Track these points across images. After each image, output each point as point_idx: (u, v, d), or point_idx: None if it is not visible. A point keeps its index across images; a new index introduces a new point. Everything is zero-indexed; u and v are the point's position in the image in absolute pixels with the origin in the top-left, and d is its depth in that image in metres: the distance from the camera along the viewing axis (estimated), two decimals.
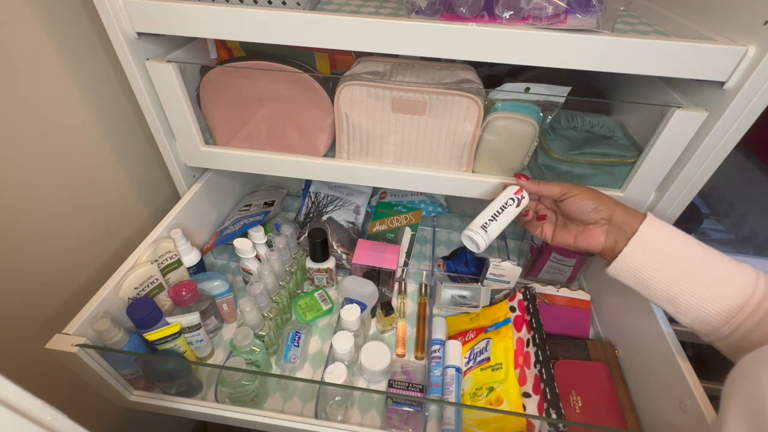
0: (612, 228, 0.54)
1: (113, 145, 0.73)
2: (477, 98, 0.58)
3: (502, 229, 0.59)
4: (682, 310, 0.50)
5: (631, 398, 0.65)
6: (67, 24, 0.61)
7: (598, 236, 0.55)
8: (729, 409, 0.36)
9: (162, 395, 0.61)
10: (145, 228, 0.80)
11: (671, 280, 0.49)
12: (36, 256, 0.62)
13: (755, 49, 0.48)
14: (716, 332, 0.48)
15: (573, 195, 0.56)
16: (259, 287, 0.65)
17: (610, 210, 0.54)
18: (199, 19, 0.54)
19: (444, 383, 0.66)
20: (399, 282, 0.84)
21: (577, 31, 0.49)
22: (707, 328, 0.49)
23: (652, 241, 0.51)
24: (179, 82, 0.62)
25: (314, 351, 0.74)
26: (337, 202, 0.93)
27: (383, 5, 0.62)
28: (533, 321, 0.68)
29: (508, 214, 0.59)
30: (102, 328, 0.53)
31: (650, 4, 0.67)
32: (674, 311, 0.51)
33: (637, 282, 0.53)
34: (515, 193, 0.60)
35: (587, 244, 0.55)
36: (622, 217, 0.53)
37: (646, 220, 0.52)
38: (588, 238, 0.55)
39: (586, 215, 0.55)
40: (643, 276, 0.51)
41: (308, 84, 0.63)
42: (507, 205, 0.59)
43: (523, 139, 0.62)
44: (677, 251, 0.50)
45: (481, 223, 0.58)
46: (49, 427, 0.23)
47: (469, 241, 0.58)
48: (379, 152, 0.66)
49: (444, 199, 0.99)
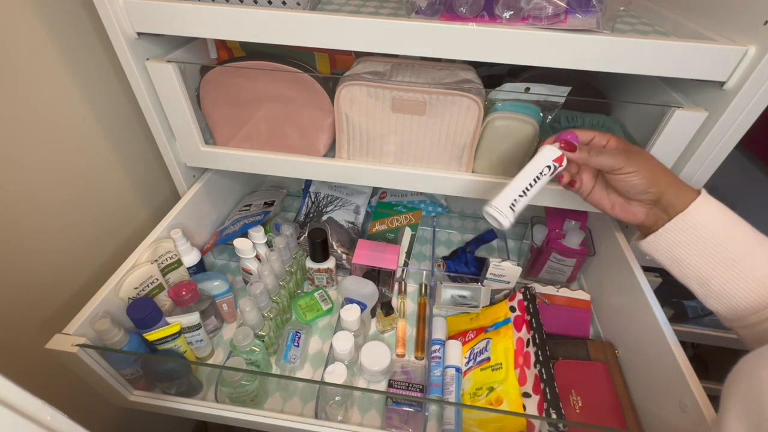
0: (655, 209, 0.51)
1: (113, 145, 0.73)
2: (477, 98, 0.58)
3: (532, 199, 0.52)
4: (713, 294, 0.48)
5: (631, 398, 0.65)
6: (67, 24, 0.61)
7: (638, 213, 0.52)
8: (729, 409, 0.36)
9: (162, 395, 0.61)
10: (145, 228, 0.80)
11: (708, 264, 0.47)
12: (36, 256, 0.62)
13: (755, 49, 0.48)
14: (742, 320, 0.46)
15: (625, 173, 0.49)
16: (259, 287, 0.65)
17: (660, 193, 0.49)
18: (199, 19, 0.54)
19: (444, 383, 0.66)
20: (399, 282, 0.84)
21: (577, 31, 0.49)
22: (733, 315, 0.47)
23: (697, 223, 0.47)
24: (179, 82, 0.62)
25: (314, 351, 0.74)
26: (337, 202, 0.93)
27: (383, 5, 0.62)
28: (533, 321, 0.68)
29: (541, 184, 0.52)
30: (102, 328, 0.53)
31: (650, 4, 0.67)
32: (704, 294, 0.49)
33: (671, 260, 0.50)
34: (554, 160, 0.51)
35: (624, 216, 0.53)
36: (672, 199, 0.49)
37: (697, 200, 0.47)
38: (627, 212, 0.52)
39: (633, 195, 0.51)
40: (678, 255, 0.49)
41: (308, 84, 0.63)
42: (542, 174, 0.51)
43: (523, 139, 0.62)
44: (723, 235, 0.47)
45: (510, 201, 0.50)
46: (49, 427, 0.23)
47: (492, 219, 0.52)
48: (379, 152, 0.66)
49: (444, 199, 0.99)
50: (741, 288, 0.46)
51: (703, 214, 0.47)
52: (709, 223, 0.47)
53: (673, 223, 0.48)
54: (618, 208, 0.53)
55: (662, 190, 0.49)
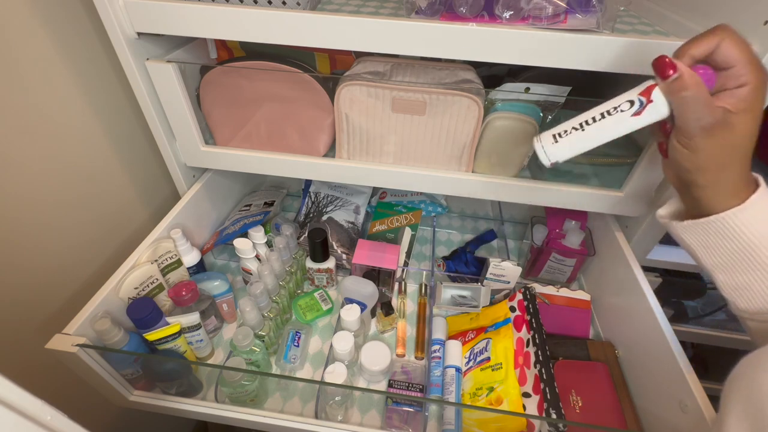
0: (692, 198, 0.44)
1: (113, 145, 0.73)
2: (477, 98, 0.58)
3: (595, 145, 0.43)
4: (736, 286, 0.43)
5: (631, 398, 0.65)
6: (67, 24, 0.61)
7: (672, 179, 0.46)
8: (729, 411, 0.36)
9: (162, 395, 0.61)
10: (145, 228, 0.80)
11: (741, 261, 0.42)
12: (36, 256, 0.62)
13: (755, 49, 0.48)
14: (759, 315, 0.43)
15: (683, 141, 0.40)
16: (259, 287, 0.65)
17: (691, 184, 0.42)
18: (199, 19, 0.54)
19: (444, 383, 0.66)
20: (399, 282, 0.84)
21: (577, 31, 0.49)
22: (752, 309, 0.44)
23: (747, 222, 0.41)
24: (179, 82, 0.62)
25: (314, 351, 0.74)
26: (337, 202, 0.93)
27: (383, 5, 0.62)
28: (533, 321, 0.68)
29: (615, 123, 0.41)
30: (102, 328, 0.53)
31: (650, 4, 0.66)
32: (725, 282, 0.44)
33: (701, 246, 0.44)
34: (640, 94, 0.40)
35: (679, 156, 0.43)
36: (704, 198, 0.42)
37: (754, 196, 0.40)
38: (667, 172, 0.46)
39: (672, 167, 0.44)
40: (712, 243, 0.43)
41: (308, 84, 0.63)
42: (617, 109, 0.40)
43: (523, 139, 0.62)
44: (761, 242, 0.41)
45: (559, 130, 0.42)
46: (49, 427, 0.23)
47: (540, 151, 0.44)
48: (379, 152, 0.66)
49: (444, 199, 0.99)
50: None
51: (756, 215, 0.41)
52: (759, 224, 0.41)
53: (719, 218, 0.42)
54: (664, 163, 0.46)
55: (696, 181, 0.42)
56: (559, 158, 0.44)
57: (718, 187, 0.42)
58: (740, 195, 0.41)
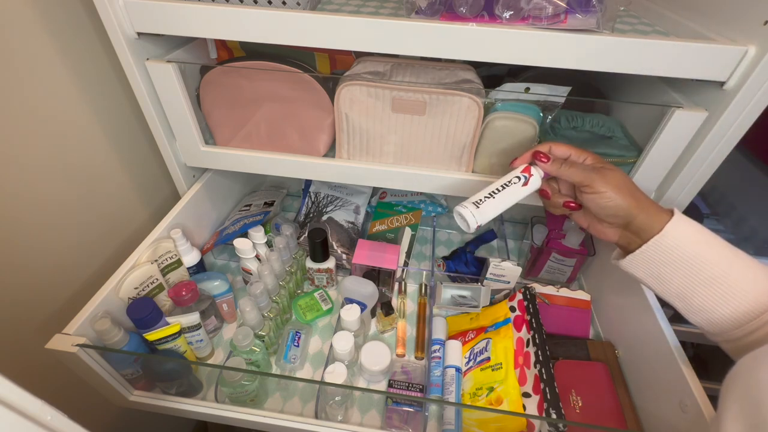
0: (627, 233, 0.51)
1: (113, 145, 0.73)
2: (477, 98, 0.58)
3: (503, 209, 0.53)
4: (694, 309, 0.48)
5: (631, 398, 0.65)
6: (67, 24, 0.61)
7: (609, 234, 0.52)
8: (726, 409, 0.36)
9: (162, 395, 0.61)
10: (145, 228, 0.80)
11: (687, 282, 0.47)
12: (36, 256, 0.62)
13: (755, 49, 0.48)
14: (725, 334, 0.47)
15: (593, 191, 0.49)
16: (259, 287, 0.65)
17: (630, 218, 0.49)
18: (199, 19, 0.54)
19: (444, 383, 0.66)
20: (399, 282, 0.84)
21: (577, 31, 0.49)
22: (717, 330, 0.47)
23: (672, 245, 0.47)
24: (179, 82, 0.62)
25: (314, 351, 0.74)
26: (337, 202, 0.93)
27: (383, 5, 0.62)
28: (533, 321, 0.68)
29: (512, 193, 0.52)
30: (102, 328, 0.53)
31: (650, 4, 0.67)
32: (685, 309, 0.49)
33: (650, 277, 0.50)
34: (523, 171, 0.53)
35: (597, 235, 0.53)
36: (643, 224, 0.48)
37: (671, 221, 0.47)
38: (599, 232, 0.53)
39: (602, 216, 0.51)
40: (657, 273, 0.49)
41: (308, 84, 0.63)
42: (511, 182, 0.53)
43: (523, 139, 0.62)
44: (701, 254, 0.46)
45: (475, 199, 0.52)
46: (49, 427, 0.23)
47: (458, 217, 0.53)
48: (379, 152, 0.66)
49: (444, 199, 0.99)
50: (722, 304, 0.45)
51: (678, 236, 0.47)
52: (684, 244, 0.47)
53: (649, 246, 0.48)
54: (592, 227, 0.54)
55: (631, 215, 0.48)
56: (482, 221, 0.52)
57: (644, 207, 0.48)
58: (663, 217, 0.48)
